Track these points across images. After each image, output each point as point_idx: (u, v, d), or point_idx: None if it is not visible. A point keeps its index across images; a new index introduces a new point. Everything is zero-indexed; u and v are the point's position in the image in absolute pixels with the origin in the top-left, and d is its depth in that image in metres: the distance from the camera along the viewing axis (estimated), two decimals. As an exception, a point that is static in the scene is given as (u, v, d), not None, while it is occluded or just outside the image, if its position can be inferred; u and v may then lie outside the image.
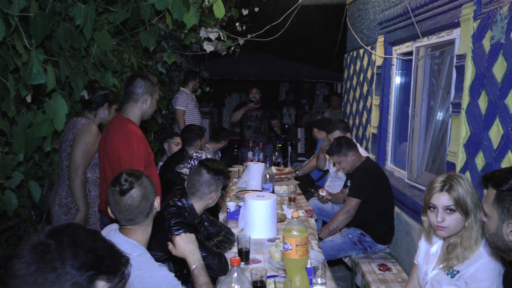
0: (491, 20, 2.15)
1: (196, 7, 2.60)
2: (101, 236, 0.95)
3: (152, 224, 1.71)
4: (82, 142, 2.49)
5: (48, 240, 0.86)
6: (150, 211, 1.66)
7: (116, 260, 0.91)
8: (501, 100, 2.06)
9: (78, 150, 2.48)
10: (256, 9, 4.71)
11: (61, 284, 0.82)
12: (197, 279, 1.71)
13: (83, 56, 2.82)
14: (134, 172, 1.65)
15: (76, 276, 0.83)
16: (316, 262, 1.85)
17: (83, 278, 0.84)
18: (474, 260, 1.63)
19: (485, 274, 1.58)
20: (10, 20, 1.99)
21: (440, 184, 1.69)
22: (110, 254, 0.91)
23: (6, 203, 2.32)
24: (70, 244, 0.86)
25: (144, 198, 1.61)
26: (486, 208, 1.35)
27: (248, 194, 2.57)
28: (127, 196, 1.58)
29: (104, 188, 2.45)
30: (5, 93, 2.15)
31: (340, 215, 3.05)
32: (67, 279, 0.83)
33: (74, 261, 0.84)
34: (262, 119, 5.62)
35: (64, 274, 0.83)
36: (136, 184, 1.60)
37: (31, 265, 0.83)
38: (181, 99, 4.68)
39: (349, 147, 3.07)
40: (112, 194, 1.60)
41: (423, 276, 1.87)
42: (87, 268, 0.85)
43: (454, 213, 1.66)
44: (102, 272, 0.87)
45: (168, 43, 4.40)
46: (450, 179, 1.68)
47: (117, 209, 1.60)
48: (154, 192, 1.67)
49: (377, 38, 3.83)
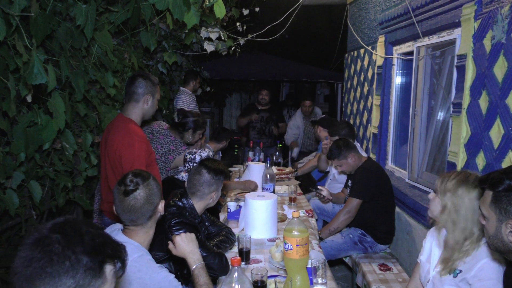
0: (492, 20, 2.15)
1: (196, 7, 2.60)
2: (97, 225, 1.00)
3: (155, 226, 1.70)
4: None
5: (52, 234, 0.88)
6: (153, 214, 1.64)
7: (116, 245, 0.96)
8: (502, 100, 2.05)
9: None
10: (256, 9, 4.71)
11: (75, 271, 0.85)
12: (197, 279, 1.71)
13: (83, 56, 2.82)
14: (141, 173, 1.64)
15: (88, 261, 0.87)
16: (316, 262, 1.85)
17: (94, 263, 0.87)
18: (477, 260, 1.62)
19: (489, 273, 1.58)
20: (11, 20, 1.99)
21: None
22: (110, 240, 0.95)
23: (7, 203, 2.32)
24: (76, 234, 0.89)
25: (148, 201, 1.60)
26: (484, 210, 1.34)
27: (249, 194, 2.57)
28: (131, 197, 1.57)
29: (105, 188, 2.45)
30: (5, 93, 2.15)
31: (341, 216, 3.05)
32: (80, 265, 0.85)
33: (84, 247, 0.87)
34: (268, 121, 5.61)
35: (77, 261, 0.85)
36: (141, 186, 1.59)
37: (40, 259, 0.84)
38: (184, 100, 4.66)
39: (348, 149, 3.07)
40: (117, 192, 1.60)
41: (425, 275, 1.87)
42: (96, 253, 0.89)
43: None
44: (108, 256, 0.91)
45: (168, 43, 4.39)
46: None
47: (120, 208, 1.60)
48: (159, 195, 1.66)
49: (378, 38, 3.83)
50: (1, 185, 2.34)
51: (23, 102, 2.39)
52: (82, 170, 2.91)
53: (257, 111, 5.60)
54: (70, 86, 2.65)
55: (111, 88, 2.96)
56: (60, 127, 2.35)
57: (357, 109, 4.58)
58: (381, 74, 3.77)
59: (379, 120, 3.82)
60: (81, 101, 2.76)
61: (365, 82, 4.26)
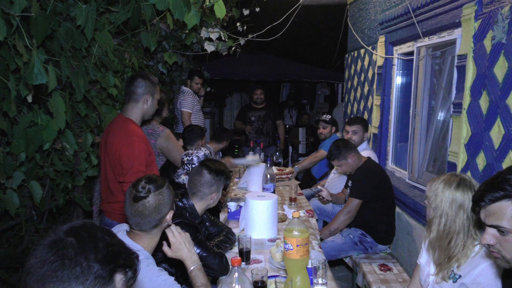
0: (492, 20, 2.14)
1: (197, 7, 2.60)
2: (113, 233, 0.99)
3: (160, 234, 1.69)
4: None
5: (67, 237, 0.88)
6: (159, 223, 1.63)
7: (129, 254, 0.96)
8: (502, 100, 2.05)
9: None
10: (257, 9, 4.70)
11: (85, 278, 0.85)
12: (195, 280, 1.69)
13: (84, 56, 2.82)
14: (156, 180, 1.62)
15: (99, 269, 0.87)
16: (317, 262, 1.85)
17: (105, 271, 0.88)
18: (475, 265, 1.61)
19: (487, 278, 1.57)
20: (11, 20, 1.99)
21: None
22: (124, 249, 0.96)
23: (8, 203, 2.32)
24: (90, 240, 0.90)
25: (156, 210, 1.59)
26: (507, 224, 1.16)
27: (249, 194, 2.58)
28: (140, 203, 1.57)
29: (105, 188, 2.45)
30: (6, 93, 2.15)
31: (341, 216, 3.04)
32: (91, 272, 0.86)
33: (96, 255, 0.88)
34: (265, 120, 5.61)
35: (88, 268, 0.86)
36: (152, 194, 1.58)
37: (53, 262, 0.85)
38: (187, 101, 4.56)
39: (348, 149, 3.07)
40: (128, 195, 1.59)
41: (425, 278, 1.86)
42: (108, 262, 0.89)
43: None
44: (120, 265, 0.91)
45: (169, 43, 4.40)
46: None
47: (128, 211, 1.59)
48: (169, 205, 1.64)
49: (378, 38, 3.83)
50: (2, 185, 2.34)
51: (23, 102, 2.39)
52: (83, 170, 2.91)
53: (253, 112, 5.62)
54: (71, 86, 2.65)
55: (112, 88, 2.96)
56: (61, 127, 2.35)
57: (357, 109, 4.58)
58: (381, 74, 3.77)
59: (380, 120, 3.82)
60: (81, 101, 2.76)
61: (366, 82, 4.26)
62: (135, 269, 0.96)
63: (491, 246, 1.23)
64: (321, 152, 4.17)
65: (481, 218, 1.23)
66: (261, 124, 5.61)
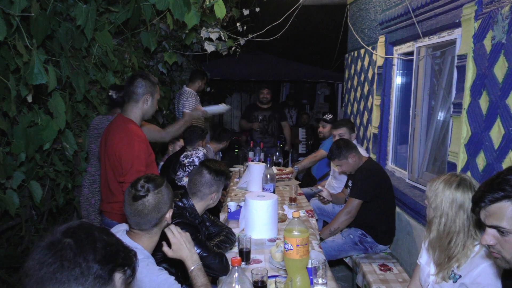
0: (492, 20, 2.15)
1: (197, 7, 2.60)
2: (111, 232, 0.99)
3: (160, 233, 1.69)
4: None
5: (65, 238, 0.88)
6: (159, 222, 1.63)
7: (127, 253, 0.96)
8: (502, 100, 2.05)
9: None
10: (257, 9, 4.71)
11: (85, 278, 0.85)
12: (195, 280, 1.69)
13: (84, 56, 2.82)
14: (155, 179, 1.62)
15: (98, 269, 0.87)
16: (317, 262, 1.85)
17: (105, 271, 0.88)
18: (475, 265, 1.61)
19: (487, 279, 1.57)
20: (12, 20, 1.99)
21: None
22: (122, 247, 0.95)
23: (8, 203, 2.32)
24: (88, 240, 0.89)
25: (156, 209, 1.59)
26: (507, 225, 1.16)
27: (249, 194, 2.58)
28: (139, 202, 1.57)
29: (105, 188, 2.45)
30: (6, 93, 2.15)
31: (342, 216, 3.04)
32: (90, 273, 0.86)
33: (95, 255, 0.88)
34: (270, 120, 5.59)
35: (87, 269, 0.86)
36: (151, 193, 1.58)
37: (52, 264, 0.84)
38: (190, 103, 4.44)
39: (348, 149, 3.07)
40: (128, 195, 1.59)
41: (425, 278, 1.86)
42: (107, 261, 0.89)
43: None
44: (119, 264, 0.91)
45: (169, 43, 4.40)
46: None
47: (128, 211, 1.59)
48: (168, 204, 1.64)
49: (378, 38, 3.83)
50: (2, 185, 2.35)
51: (23, 102, 2.39)
52: (82, 170, 2.92)
53: (259, 111, 5.58)
54: (71, 86, 2.66)
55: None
56: (61, 127, 2.35)
57: (357, 109, 4.58)
58: (381, 74, 3.77)
59: (380, 120, 3.82)
60: (81, 101, 2.77)
61: (366, 82, 4.26)
62: (133, 267, 0.96)
63: (491, 247, 1.23)
64: (321, 152, 4.18)
65: (481, 219, 1.23)
66: (266, 124, 5.59)
